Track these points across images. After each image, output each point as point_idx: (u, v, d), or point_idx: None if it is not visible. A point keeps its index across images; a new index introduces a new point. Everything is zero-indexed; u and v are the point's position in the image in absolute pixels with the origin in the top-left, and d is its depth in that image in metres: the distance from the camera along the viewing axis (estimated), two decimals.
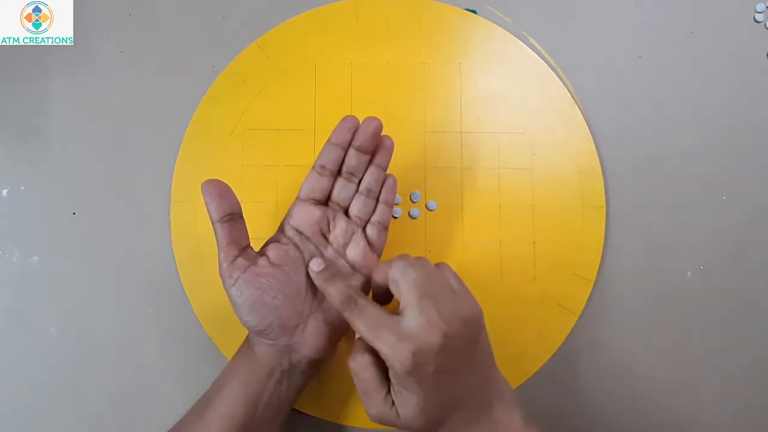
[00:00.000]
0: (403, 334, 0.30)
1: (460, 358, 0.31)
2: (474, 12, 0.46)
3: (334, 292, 0.33)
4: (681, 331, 0.43)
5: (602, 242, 0.43)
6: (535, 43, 0.46)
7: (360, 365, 0.32)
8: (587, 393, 0.42)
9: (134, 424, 0.43)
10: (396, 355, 0.29)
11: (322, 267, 0.35)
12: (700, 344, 0.43)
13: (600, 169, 0.44)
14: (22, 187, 0.45)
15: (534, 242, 0.43)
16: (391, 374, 0.31)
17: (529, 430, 0.33)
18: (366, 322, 0.31)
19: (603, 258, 0.43)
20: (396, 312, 0.31)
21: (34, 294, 0.44)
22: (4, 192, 0.45)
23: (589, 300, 0.43)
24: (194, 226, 0.44)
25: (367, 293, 0.38)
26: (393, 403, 0.31)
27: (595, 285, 0.43)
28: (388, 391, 0.31)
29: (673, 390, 0.43)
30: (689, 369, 0.43)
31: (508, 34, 0.45)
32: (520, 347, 0.42)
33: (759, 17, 0.45)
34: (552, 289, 0.43)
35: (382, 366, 0.32)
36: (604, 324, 0.43)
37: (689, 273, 0.44)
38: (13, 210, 0.45)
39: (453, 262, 0.43)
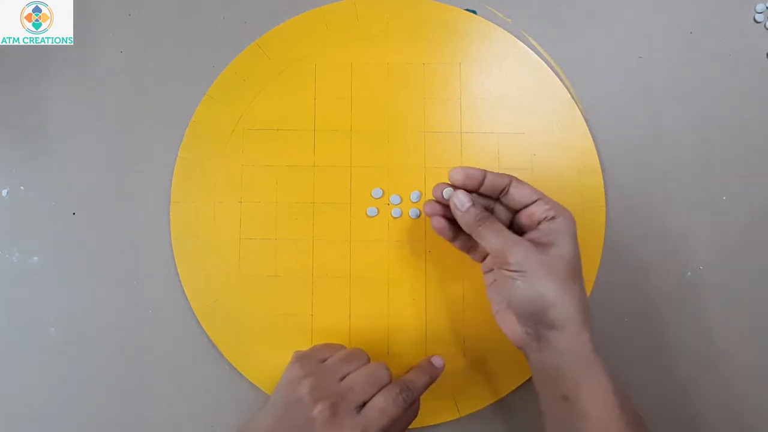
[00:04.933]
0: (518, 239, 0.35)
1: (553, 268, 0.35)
2: (474, 12, 0.46)
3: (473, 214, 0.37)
4: (681, 331, 0.43)
5: (602, 242, 0.43)
6: (535, 43, 0.46)
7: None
8: None
9: (134, 424, 0.43)
10: (517, 246, 0.34)
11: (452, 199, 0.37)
12: (700, 344, 0.43)
13: (600, 169, 0.44)
14: (22, 187, 0.45)
15: None
16: (512, 266, 0.34)
17: (596, 356, 0.34)
18: (499, 227, 0.36)
19: (603, 258, 0.43)
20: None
21: (34, 294, 0.44)
22: (4, 192, 0.45)
23: (589, 300, 0.43)
24: (194, 226, 0.44)
25: None
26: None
27: (595, 285, 0.43)
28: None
29: (673, 390, 0.43)
30: (689, 369, 0.43)
31: (508, 34, 0.45)
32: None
33: (759, 17, 0.45)
34: None
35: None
36: (604, 324, 0.43)
37: (689, 273, 0.44)
38: (13, 210, 0.45)
39: (453, 262, 0.43)
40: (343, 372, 0.37)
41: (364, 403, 0.36)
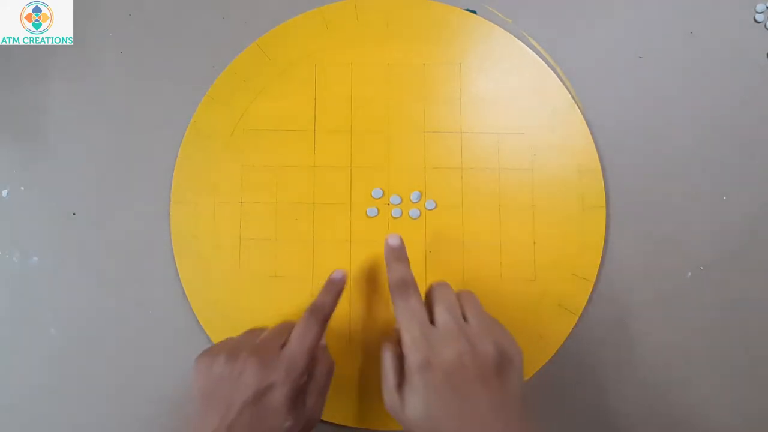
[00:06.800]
0: (427, 335, 0.33)
1: (476, 387, 0.32)
2: (474, 12, 0.46)
3: (396, 272, 0.37)
4: (681, 331, 0.43)
5: (602, 242, 0.43)
6: (535, 43, 0.46)
7: (386, 352, 0.35)
8: (588, 393, 0.42)
9: (134, 424, 0.43)
10: (415, 346, 0.33)
11: (399, 245, 0.39)
12: (700, 344, 0.43)
13: (600, 169, 0.44)
14: (22, 188, 0.45)
15: (534, 242, 0.43)
16: (405, 366, 0.33)
17: None
18: (406, 308, 0.35)
19: (603, 258, 0.43)
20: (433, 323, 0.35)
21: (34, 294, 0.44)
22: (4, 192, 0.45)
23: (589, 300, 0.43)
24: (194, 226, 0.44)
25: None
26: (403, 399, 0.33)
27: (595, 285, 0.43)
28: (401, 384, 0.34)
29: (673, 390, 0.43)
30: (689, 369, 0.43)
31: (508, 34, 0.45)
32: (521, 347, 0.42)
33: (759, 17, 0.45)
34: (552, 289, 0.43)
35: (402, 360, 0.34)
36: (604, 324, 0.43)
37: (689, 273, 0.44)
38: (13, 210, 0.45)
39: (453, 262, 0.43)
40: (251, 342, 0.37)
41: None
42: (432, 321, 0.35)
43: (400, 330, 0.34)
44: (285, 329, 0.37)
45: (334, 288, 0.39)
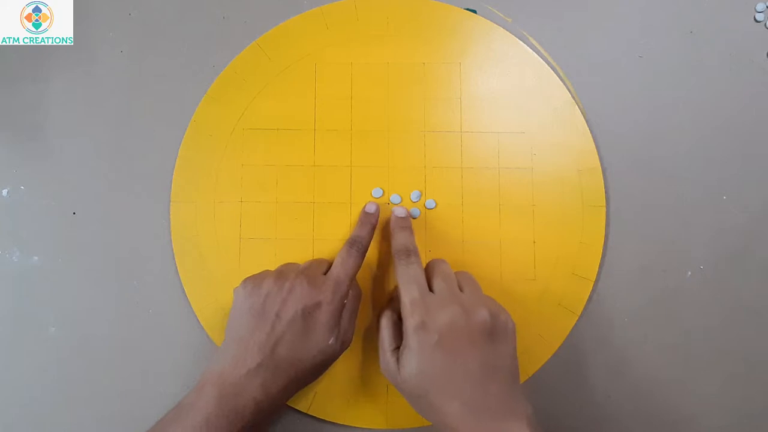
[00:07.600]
0: (425, 298, 0.35)
1: (468, 350, 0.34)
2: (474, 12, 0.46)
3: (400, 239, 0.40)
4: (681, 331, 0.43)
5: (602, 242, 0.43)
6: (535, 43, 0.46)
7: (384, 316, 0.38)
8: (587, 393, 0.43)
9: (134, 424, 0.43)
10: (412, 308, 0.35)
11: (405, 215, 0.42)
12: (700, 344, 0.43)
13: (600, 169, 0.44)
14: (22, 187, 0.45)
15: (534, 242, 0.43)
16: (403, 329, 0.35)
17: None
18: (407, 273, 0.37)
19: (603, 258, 0.43)
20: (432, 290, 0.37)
21: (34, 294, 0.44)
22: (4, 192, 0.45)
23: (589, 300, 0.43)
24: (194, 226, 0.44)
25: None
26: (398, 360, 0.35)
27: (595, 285, 0.43)
28: (398, 347, 0.36)
29: (673, 390, 0.43)
30: (689, 369, 0.43)
31: (508, 34, 0.45)
32: (520, 347, 0.42)
33: (759, 17, 0.45)
34: (552, 289, 0.43)
35: (400, 325, 0.36)
36: (604, 324, 0.43)
37: (689, 273, 0.44)
38: (13, 210, 0.45)
39: (453, 262, 0.43)
40: (295, 268, 0.39)
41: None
42: (430, 289, 0.37)
43: (400, 294, 0.36)
44: (322, 261, 0.41)
45: (368, 220, 0.42)
